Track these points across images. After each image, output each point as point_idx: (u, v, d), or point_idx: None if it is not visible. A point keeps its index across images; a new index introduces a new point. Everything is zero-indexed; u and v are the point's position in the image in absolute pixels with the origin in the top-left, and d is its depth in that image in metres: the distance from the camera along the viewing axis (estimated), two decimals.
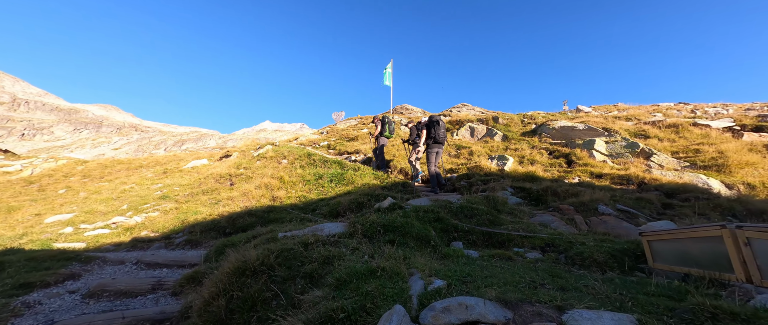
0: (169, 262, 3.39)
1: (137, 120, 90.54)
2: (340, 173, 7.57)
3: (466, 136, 12.00)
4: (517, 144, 9.75)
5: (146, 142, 68.90)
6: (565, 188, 5.08)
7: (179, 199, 7.18)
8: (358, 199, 5.45)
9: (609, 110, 18.61)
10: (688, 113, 14.75)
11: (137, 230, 5.13)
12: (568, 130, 9.65)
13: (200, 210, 5.94)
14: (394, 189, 6.55)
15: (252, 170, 9.34)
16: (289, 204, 6.03)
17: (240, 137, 79.41)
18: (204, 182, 8.97)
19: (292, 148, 11.18)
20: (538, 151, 8.64)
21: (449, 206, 4.07)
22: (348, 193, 6.39)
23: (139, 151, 63.70)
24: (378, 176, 7.38)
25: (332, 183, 7.16)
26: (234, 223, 4.97)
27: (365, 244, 2.83)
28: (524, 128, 11.79)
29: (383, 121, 8.48)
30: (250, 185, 7.55)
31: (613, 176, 6.29)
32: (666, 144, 8.17)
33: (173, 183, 9.53)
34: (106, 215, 6.44)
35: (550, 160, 8.10)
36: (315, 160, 9.16)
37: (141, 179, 10.96)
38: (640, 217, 4.01)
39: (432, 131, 6.99)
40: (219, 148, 42.48)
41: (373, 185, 6.71)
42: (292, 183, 7.21)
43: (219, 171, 9.73)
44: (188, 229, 4.90)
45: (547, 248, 3.03)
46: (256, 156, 11.22)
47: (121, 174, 14.48)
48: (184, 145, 66.42)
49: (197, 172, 11.39)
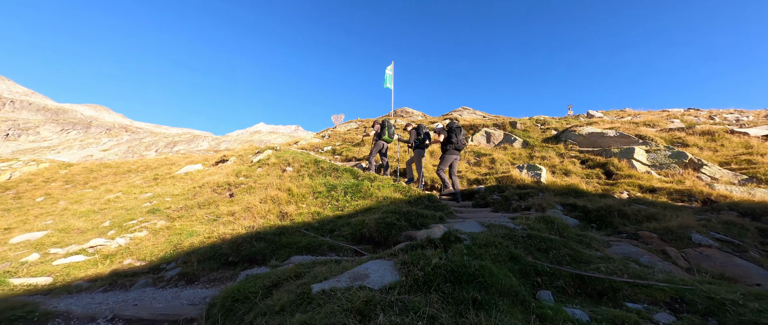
0: (156, 316, 2.50)
1: (128, 121, 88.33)
2: (356, 184, 6.72)
3: (482, 141, 11.27)
4: (542, 151, 9.03)
5: (137, 144, 66.95)
6: (636, 209, 4.31)
7: (171, 213, 6.25)
8: (386, 218, 4.62)
9: (620, 115, 18.10)
10: (707, 119, 14.26)
11: (119, 258, 4.21)
12: (597, 137, 8.96)
13: (196, 230, 5.03)
14: (420, 204, 5.72)
15: (253, 178, 8.43)
16: (302, 223, 5.16)
17: (234, 139, 77.83)
18: (199, 192, 8.04)
19: (297, 154, 10.29)
20: (570, 161, 7.91)
21: (511, 234, 3.27)
22: (369, 209, 5.54)
23: (130, 153, 61.87)
24: (399, 187, 6.55)
25: (347, 196, 6.31)
26: (239, 249, 4.09)
27: (439, 304, 2.00)
28: (543, 134, 11.10)
29: (383, 124, 8.12)
30: (253, 197, 6.65)
31: (668, 191, 5.56)
32: (709, 154, 7.51)
33: (164, 192, 8.57)
34: (85, 233, 5.48)
35: (585, 170, 7.38)
36: (324, 168, 8.29)
37: (128, 187, 9.95)
38: (749, 249, 3.27)
39: (452, 137, 6.38)
40: (212, 150, 41.21)
41: (395, 200, 5.88)
42: (302, 196, 6.33)
43: (216, 179, 8.79)
44: (182, 258, 4.00)
45: (675, 305, 2.25)
46: (257, 162, 10.30)
47: (107, 180, 13.40)
48: (176, 147, 64.69)
49: (191, 179, 10.42)
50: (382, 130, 8.22)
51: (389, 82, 26.93)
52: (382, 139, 8.18)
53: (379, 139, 8.19)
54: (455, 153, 6.49)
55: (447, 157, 6.42)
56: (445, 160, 6.47)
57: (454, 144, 6.42)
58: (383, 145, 8.27)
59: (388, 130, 8.20)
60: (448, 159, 6.40)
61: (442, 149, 6.67)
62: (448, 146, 6.43)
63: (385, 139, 8.21)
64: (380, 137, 8.20)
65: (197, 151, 47.40)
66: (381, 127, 8.24)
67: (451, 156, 6.42)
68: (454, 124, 6.73)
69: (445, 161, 6.51)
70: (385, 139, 8.21)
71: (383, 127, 8.21)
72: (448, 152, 6.37)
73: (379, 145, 8.20)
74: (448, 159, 6.40)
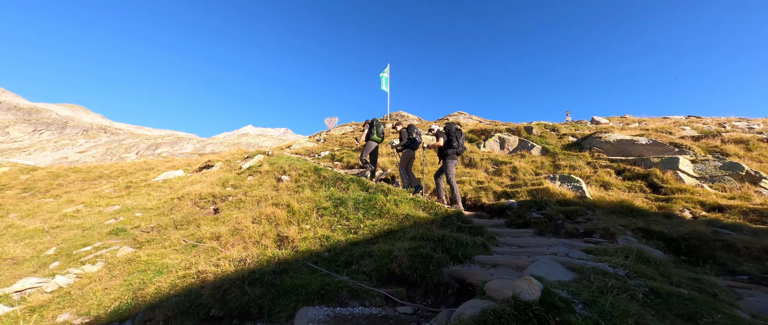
0: None
1: (107, 121, 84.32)
2: (368, 198, 5.65)
3: (495, 148, 10.39)
4: (567, 160, 8.18)
5: (116, 146, 63.67)
6: (745, 240, 3.39)
7: (139, 235, 5.02)
8: (419, 249, 3.57)
9: (624, 121, 17.67)
10: (718, 127, 13.89)
11: (53, 310, 3.00)
12: (626, 145, 8.19)
13: (168, 263, 3.85)
14: (451, 225, 4.70)
15: (243, 189, 7.23)
16: (307, 252, 4.04)
17: (220, 142, 75.29)
18: (178, 206, 6.79)
19: (293, 160, 9.12)
20: (604, 171, 7.07)
21: (624, 287, 2.28)
22: (390, 232, 4.48)
23: (108, 155, 58.73)
24: (420, 203, 5.51)
25: (360, 213, 5.23)
26: (225, 298, 2.95)
27: None
28: (560, 141, 10.31)
29: (372, 123, 7.71)
30: (244, 213, 5.48)
31: (740, 210, 4.72)
32: (755, 165, 6.81)
33: (136, 205, 7.26)
34: (19, 265, 4.19)
35: (624, 182, 6.53)
36: (326, 177, 7.18)
37: (94, 197, 8.55)
38: None
39: (454, 141, 5.79)
40: (197, 154, 39.15)
41: (420, 219, 4.84)
42: (305, 213, 5.20)
43: (198, 189, 7.55)
44: (143, 313, 2.82)
45: None
46: (247, 170, 9.08)
47: (73, 187, 11.84)
48: (159, 149, 61.87)
49: (170, 187, 9.10)
50: (370, 130, 7.71)
51: (385, 84, 25.83)
52: (372, 139, 7.69)
53: (368, 139, 7.71)
54: (456, 159, 5.91)
55: (450, 164, 5.80)
56: (450, 167, 5.80)
57: (454, 149, 5.79)
58: (374, 146, 7.77)
59: (377, 130, 7.68)
60: (452, 165, 5.81)
61: (441, 155, 5.97)
62: (448, 151, 5.80)
63: (375, 139, 7.70)
64: (369, 138, 7.71)
65: (180, 154, 45.20)
66: (370, 127, 7.74)
67: (453, 162, 5.83)
68: (454, 126, 5.99)
69: (449, 168, 5.81)
70: (375, 139, 7.70)
71: (371, 126, 7.70)
72: (450, 158, 5.80)
73: (369, 147, 7.68)
74: (452, 165, 5.81)
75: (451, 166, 5.81)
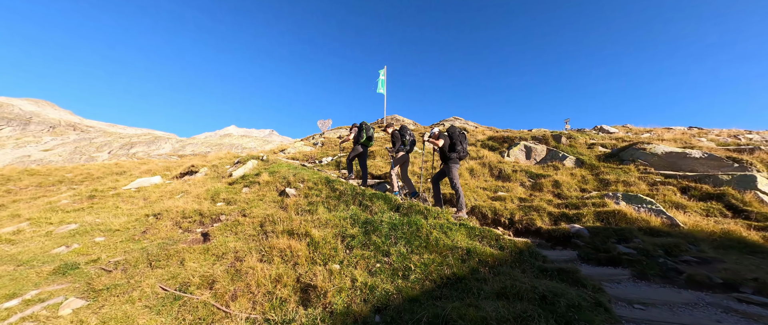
0: None
1: (77, 118, 78.91)
2: (404, 222, 4.42)
3: (520, 157, 9.40)
4: (613, 174, 7.24)
5: (86, 144, 59.36)
6: None
7: (97, 278, 3.57)
8: (522, 316, 2.39)
9: (635, 132, 17.27)
10: (733, 139, 13.60)
11: None
12: (676, 158, 7.35)
13: None
14: (523, 263, 3.56)
15: (239, 205, 5.82)
16: (349, 314, 2.77)
17: (201, 142, 71.95)
18: (154, 226, 5.31)
19: (298, 169, 7.75)
20: (666, 188, 6.15)
21: None
22: (457, 278, 3.26)
23: (77, 154, 54.48)
24: (473, 229, 4.33)
25: (400, 243, 3.99)
26: None
27: None
28: (590, 151, 9.46)
29: (361, 127, 7.30)
30: (245, 243, 4.12)
31: None
32: None
33: (98, 223, 5.71)
34: None
35: (697, 203, 5.62)
36: (341, 191, 5.89)
37: (46, 211, 6.86)
38: None
39: (457, 145, 5.37)
40: (176, 155, 36.48)
41: (485, 255, 3.66)
42: (329, 246, 3.90)
43: (181, 204, 6.07)
44: None
45: None
46: (240, 179, 7.63)
47: (25, 194, 9.93)
48: (133, 149, 58.19)
49: (144, 199, 7.53)
50: (359, 133, 7.27)
51: (382, 87, 24.67)
52: (360, 143, 7.22)
53: (357, 143, 7.25)
54: (458, 163, 5.47)
55: (454, 169, 5.33)
56: (454, 172, 5.32)
57: (458, 153, 5.38)
58: (361, 150, 7.27)
59: (367, 133, 7.25)
60: (456, 170, 5.35)
61: (444, 158, 5.51)
62: (451, 155, 5.39)
63: (364, 142, 7.26)
64: (358, 142, 7.24)
65: (158, 155, 42.33)
66: (359, 130, 7.30)
67: (456, 166, 5.39)
68: (456, 129, 5.56)
69: (454, 174, 5.31)
70: (364, 142, 7.26)
71: (361, 130, 7.27)
72: (453, 161, 5.38)
73: (357, 150, 7.20)
74: (456, 170, 5.35)
75: (455, 171, 5.36)
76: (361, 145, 7.28)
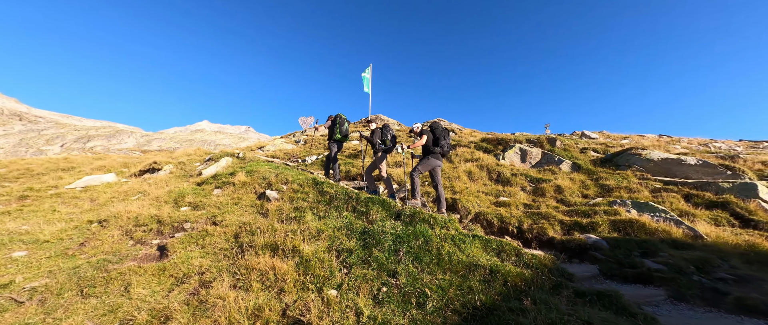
0: None
1: (24, 107, 71.33)
2: (409, 234, 3.77)
3: (516, 160, 9.08)
4: (611, 179, 7.02)
5: (34, 136, 53.63)
6: None
7: (3, 313, 2.61)
8: None
9: (614, 138, 17.74)
10: (705, 147, 14.21)
11: None
12: (672, 165, 7.27)
13: None
14: (554, 285, 3.04)
15: (208, 210, 4.90)
16: None
17: (170, 137, 67.50)
18: (97, 236, 4.29)
19: (280, 169, 6.87)
20: (672, 196, 5.94)
21: None
22: (487, 309, 2.65)
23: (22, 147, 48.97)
24: (489, 242, 3.76)
25: (407, 262, 3.33)
26: None
27: None
28: (583, 155, 9.32)
29: (335, 120, 6.82)
30: (214, 261, 3.28)
31: None
32: None
33: (23, 232, 4.57)
34: None
35: (701, 211, 5.43)
36: (332, 195, 5.14)
37: None
38: None
39: (441, 140, 5.22)
40: (139, 150, 33.47)
41: (510, 274, 3.09)
42: (323, 265, 3.16)
43: (135, 208, 5.04)
44: None
45: None
46: (210, 178, 6.64)
47: None
48: (91, 142, 53.34)
49: (91, 201, 6.34)
50: (332, 127, 6.81)
51: (367, 86, 24.06)
52: (334, 139, 6.79)
53: (330, 138, 6.83)
54: (439, 159, 5.31)
55: (431, 161, 5.22)
56: (426, 164, 5.24)
57: (440, 149, 5.26)
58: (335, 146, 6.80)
59: (340, 128, 6.77)
60: (431, 163, 5.23)
61: (424, 152, 5.38)
62: (434, 149, 5.26)
63: (337, 138, 6.79)
64: (331, 137, 6.81)
65: (118, 150, 38.77)
66: (332, 124, 6.83)
67: (434, 161, 5.24)
68: (439, 125, 5.40)
69: (425, 165, 5.25)
70: (337, 138, 6.79)
71: (334, 124, 6.81)
72: (433, 155, 5.25)
73: (332, 150, 6.75)
74: (431, 163, 5.23)
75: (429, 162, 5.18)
76: (334, 142, 6.77)
